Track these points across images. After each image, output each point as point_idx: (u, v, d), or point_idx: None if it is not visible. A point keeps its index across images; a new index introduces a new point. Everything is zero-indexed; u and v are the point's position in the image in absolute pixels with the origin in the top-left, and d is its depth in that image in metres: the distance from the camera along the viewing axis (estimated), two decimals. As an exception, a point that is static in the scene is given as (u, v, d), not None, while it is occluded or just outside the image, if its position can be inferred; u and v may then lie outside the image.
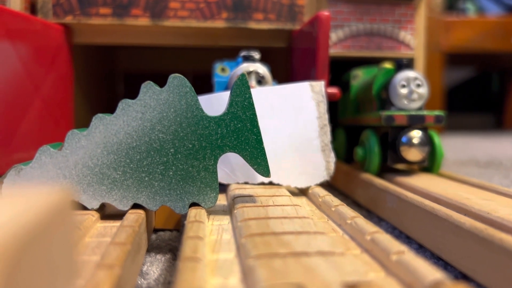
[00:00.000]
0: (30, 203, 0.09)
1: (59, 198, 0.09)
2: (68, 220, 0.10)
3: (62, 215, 0.10)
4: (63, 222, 0.10)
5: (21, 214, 0.08)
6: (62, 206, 0.10)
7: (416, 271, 0.15)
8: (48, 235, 0.09)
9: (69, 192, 0.10)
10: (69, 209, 0.10)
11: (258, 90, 0.30)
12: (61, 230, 0.09)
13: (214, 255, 0.18)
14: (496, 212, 0.23)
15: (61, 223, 0.10)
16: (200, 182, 0.23)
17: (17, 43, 0.35)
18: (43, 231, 0.08)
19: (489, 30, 1.19)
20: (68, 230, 0.10)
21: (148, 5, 0.41)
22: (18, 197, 0.09)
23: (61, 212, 0.10)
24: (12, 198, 0.09)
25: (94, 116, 0.23)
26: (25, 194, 0.10)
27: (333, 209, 0.23)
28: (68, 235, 0.10)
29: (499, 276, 0.18)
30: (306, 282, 0.13)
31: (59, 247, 0.09)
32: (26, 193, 0.10)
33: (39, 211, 0.08)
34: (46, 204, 0.09)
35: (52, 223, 0.09)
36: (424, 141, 0.33)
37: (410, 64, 0.39)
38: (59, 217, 0.09)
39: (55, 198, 0.09)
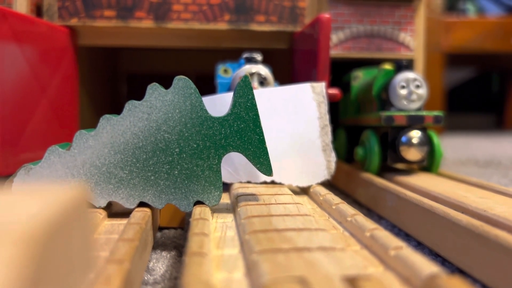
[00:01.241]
0: (50, 198, 0.09)
1: (76, 195, 0.10)
2: (84, 216, 0.11)
3: (79, 211, 0.10)
4: (80, 217, 0.10)
5: (45, 208, 0.08)
6: (79, 203, 0.10)
7: (414, 265, 0.15)
8: (67, 229, 0.09)
9: (84, 189, 0.11)
10: (85, 206, 0.11)
11: (261, 91, 0.31)
12: (78, 225, 0.10)
13: (219, 251, 0.18)
14: (492, 209, 0.23)
15: (78, 219, 0.10)
16: (205, 181, 0.24)
17: (24, 45, 0.36)
18: (64, 225, 0.09)
19: (489, 30, 1.20)
20: (84, 225, 0.11)
21: (152, 7, 0.42)
22: (37, 193, 0.10)
23: (78, 208, 0.10)
24: (32, 194, 0.10)
25: (102, 117, 0.24)
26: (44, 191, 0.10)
27: (333, 207, 0.24)
28: (84, 231, 0.11)
29: (494, 271, 0.19)
30: (307, 275, 0.14)
31: (76, 241, 0.10)
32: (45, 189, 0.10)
33: (59, 206, 0.09)
34: (65, 200, 0.09)
35: (71, 218, 0.10)
36: (423, 141, 0.34)
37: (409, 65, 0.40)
38: (76, 212, 0.10)
39: (72, 195, 0.10)
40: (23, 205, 0.09)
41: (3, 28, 0.33)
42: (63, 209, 0.09)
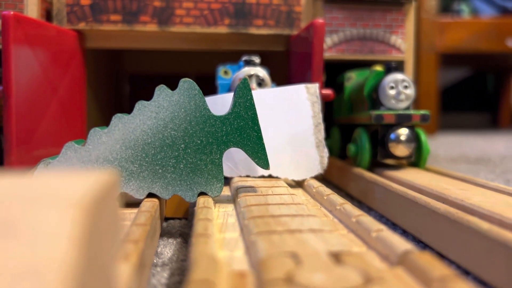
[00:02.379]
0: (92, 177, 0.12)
1: (110, 176, 0.12)
2: (115, 193, 0.13)
3: (113, 189, 0.12)
4: (113, 194, 0.12)
5: (91, 183, 0.11)
6: (112, 183, 0.12)
7: (391, 244, 0.18)
8: (105, 201, 0.12)
9: (116, 173, 0.13)
10: (117, 186, 0.13)
11: (259, 91, 0.33)
12: (112, 201, 0.12)
13: (221, 235, 0.21)
14: (469, 199, 0.26)
15: (112, 195, 0.12)
16: (208, 174, 0.26)
17: (36, 48, 0.38)
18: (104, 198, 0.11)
19: (483, 31, 1.22)
20: (115, 203, 0.13)
21: (156, 12, 0.44)
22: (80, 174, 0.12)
23: (112, 186, 0.12)
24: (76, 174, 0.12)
25: (114, 115, 0.26)
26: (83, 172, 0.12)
27: (325, 197, 0.26)
28: (115, 207, 0.13)
29: (467, 252, 0.21)
30: (298, 251, 0.16)
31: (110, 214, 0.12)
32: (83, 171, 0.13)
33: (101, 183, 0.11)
34: (103, 178, 0.12)
35: (108, 194, 0.12)
36: (411, 138, 0.36)
37: (399, 67, 0.42)
38: (111, 190, 0.12)
39: (107, 176, 0.12)
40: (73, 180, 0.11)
41: (17, 32, 0.35)
42: (103, 185, 0.11)
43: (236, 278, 0.15)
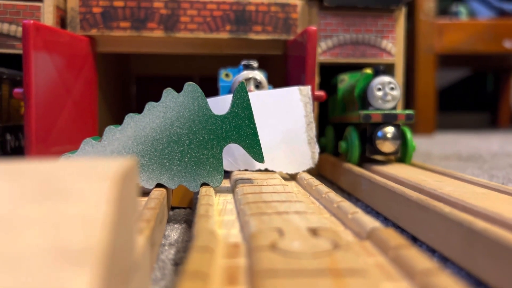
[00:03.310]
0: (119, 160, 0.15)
1: (131, 161, 0.16)
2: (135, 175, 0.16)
3: (133, 171, 0.16)
4: (133, 176, 0.16)
5: (119, 163, 0.14)
6: (132, 166, 0.16)
7: (363, 223, 0.21)
8: (129, 180, 0.15)
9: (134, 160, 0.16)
10: (136, 169, 0.16)
11: (256, 93, 0.36)
12: (132, 181, 0.16)
13: (221, 217, 0.24)
14: (441, 189, 0.29)
15: (133, 176, 0.16)
16: (209, 166, 0.29)
17: (53, 53, 0.42)
18: (128, 177, 0.15)
19: (480, 32, 1.25)
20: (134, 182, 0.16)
21: (162, 19, 0.47)
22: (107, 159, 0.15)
23: (132, 169, 0.15)
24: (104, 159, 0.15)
25: (126, 115, 0.29)
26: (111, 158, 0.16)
27: (313, 187, 0.30)
28: (135, 186, 0.16)
29: (432, 233, 0.25)
30: (283, 227, 0.20)
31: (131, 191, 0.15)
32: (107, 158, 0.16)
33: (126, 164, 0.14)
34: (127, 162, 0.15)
35: (131, 174, 0.15)
36: (396, 135, 0.40)
37: (387, 70, 0.46)
38: (131, 171, 0.15)
39: (129, 161, 0.15)
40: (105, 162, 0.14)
41: (36, 39, 0.39)
42: (127, 166, 0.14)
43: (231, 247, 0.18)
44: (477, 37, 1.26)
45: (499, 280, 0.19)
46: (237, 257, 0.17)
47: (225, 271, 0.16)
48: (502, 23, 1.26)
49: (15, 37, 0.46)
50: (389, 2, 0.50)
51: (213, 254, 0.17)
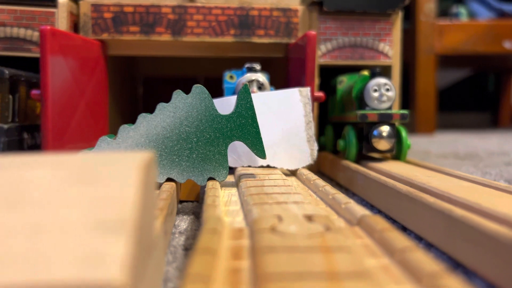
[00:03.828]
0: (140, 153, 0.17)
1: (150, 153, 0.18)
2: (153, 165, 0.18)
3: (152, 162, 0.18)
4: (152, 165, 0.18)
5: (142, 155, 0.16)
6: (152, 158, 0.18)
7: (353, 211, 0.23)
8: (149, 168, 0.17)
9: (151, 154, 0.19)
10: (154, 161, 0.19)
11: (259, 94, 0.39)
12: (152, 170, 0.18)
13: (226, 207, 0.27)
14: (430, 183, 0.31)
15: (152, 166, 0.18)
16: (215, 162, 0.32)
17: (67, 56, 0.44)
18: (148, 167, 0.17)
19: (480, 33, 1.27)
20: (153, 171, 0.18)
21: (170, 24, 0.50)
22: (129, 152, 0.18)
23: (151, 160, 0.18)
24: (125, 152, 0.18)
25: (139, 115, 0.32)
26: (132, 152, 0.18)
27: (312, 182, 0.32)
28: (153, 174, 0.19)
29: (419, 222, 0.27)
30: (281, 214, 0.22)
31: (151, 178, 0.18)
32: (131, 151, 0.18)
33: (146, 156, 0.17)
34: (147, 154, 0.17)
35: (150, 165, 0.17)
36: (391, 134, 0.42)
37: (384, 72, 0.48)
38: (151, 161, 0.18)
39: (148, 153, 0.18)
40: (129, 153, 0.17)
41: (53, 44, 0.41)
42: (147, 157, 0.17)
43: (235, 231, 0.21)
44: (477, 38, 1.28)
45: (475, 262, 0.21)
46: (241, 238, 0.20)
47: (231, 249, 0.18)
48: (502, 24, 1.28)
49: (31, 41, 0.49)
50: (386, 7, 0.52)
51: (220, 236, 0.19)
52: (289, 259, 0.16)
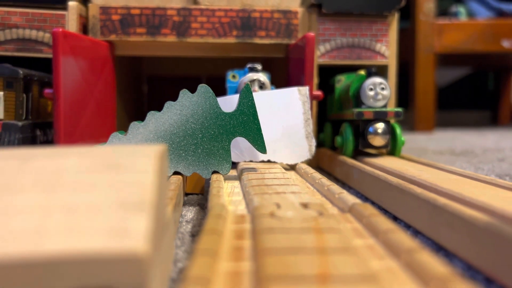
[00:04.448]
0: (154, 146, 0.19)
1: (162, 146, 0.20)
2: (166, 156, 0.21)
3: (165, 153, 0.20)
4: (165, 156, 0.20)
5: (156, 147, 0.19)
6: (164, 150, 0.20)
7: (346, 200, 0.25)
8: (163, 158, 0.19)
9: (164, 146, 0.21)
10: (166, 154, 0.21)
11: (260, 93, 0.41)
12: (164, 160, 0.20)
13: (229, 198, 0.29)
14: (420, 176, 0.33)
15: (165, 157, 0.20)
16: (219, 156, 0.34)
17: (77, 57, 0.46)
18: (162, 158, 0.19)
19: (479, 32, 1.28)
20: (166, 161, 0.21)
21: (175, 25, 0.52)
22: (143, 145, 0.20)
23: (164, 152, 0.20)
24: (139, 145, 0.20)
25: (148, 112, 0.34)
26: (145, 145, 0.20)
27: (309, 175, 0.34)
28: (166, 164, 0.21)
29: (408, 211, 0.29)
30: (280, 202, 0.24)
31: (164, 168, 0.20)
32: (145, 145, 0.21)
33: (160, 148, 0.19)
34: (160, 147, 0.19)
35: (163, 156, 0.20)
36: (386, 131, 0.44)
37: (381, 71, 0.50)
38: (164, 153, 0.20)
39: (161, 146, 0.20)
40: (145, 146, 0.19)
41: (64, 45, 0.44)
42: (161, 149, 0.19)
43: (238, 217, 0.23)
44: (476, 37, 1.30)
45: (455, 245, 0.23)
46: (243, 223, 0.22)
47: (234, 231, 0.20)
48: (501, 23, 1.29)
49: (43, 42, 0.51)
50: (383, 8, 0.54)
51: (225, 220, 0.21)
52: (285, 238, 0.18)
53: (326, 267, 0.14)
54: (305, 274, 0.14)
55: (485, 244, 0.21)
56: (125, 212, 0.14)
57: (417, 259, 0.16)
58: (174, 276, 0.21)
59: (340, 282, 0.13)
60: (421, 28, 1.29)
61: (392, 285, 0.14)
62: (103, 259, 0.13)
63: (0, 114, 0.44)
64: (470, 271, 0.22)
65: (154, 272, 0.14)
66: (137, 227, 0.14)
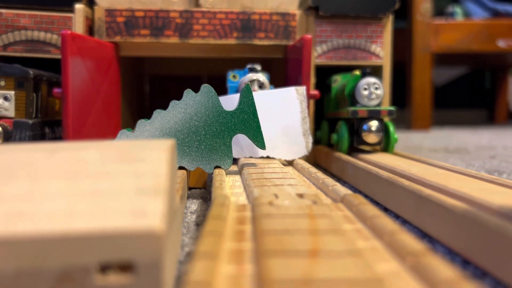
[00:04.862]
0: (164, 140, 0.22)
1: (171, 142, 0.22)
2: (175, 150, 0.23)
3: (174, 147, 0.22)
4: (174, 150, 0.22)
5: (167, 141, 0.21)
6: (173, 144, 0.22)
7: (338, 191, 0.28)
8: (173, 151, 0.22)
9: (173, 141, 0.23)
10: (175, 148, 0.23)
11: (259, 92, 0.43)
12: (174, 153, 0.22)
13: (231, 190, 0.31)
14: (409, 170, 0.35)
15: (174, 150, 0.22)
16: (221, 152, 0.36)
17: (84, 58, 0.49)
18: (172, 151, 0.21)
19: (475, 32, 1.30)
20: (175, 155, 0.23)
21: (177, 27, 0.54)
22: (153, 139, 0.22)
23: (173, 146, 0.22)
24: (150, 140, 0.22)
25: (154, 111, 0.36)
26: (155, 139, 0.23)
27: (305, 170, 0.36)
28: (175, 161, 0.23)
29: (396, 202, 0.31)
30: (278, 193, 0.26)
31: (174, 160, 0.22)
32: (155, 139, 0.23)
33: (170, 142, 0.21)
34: (169, 141, 0.22)
35: (173, 148, 0.22)
36: (380, 128, 0.46)
37: (375, 71, 0.52)
38: (173, 147, 0.22)
39: (171, 140, 0.22)
40: (157, 140, 0.21)
41: (72, 47, 0.46)
42: (171, 143, 0.21)
43: (240, 206, 0.25)
44: (472, 36, 1.32)
45: (438, 232, 0.25)
46: (244, 211, 0.24)
47: (236, 218, 0.23)
48: (496, 23, 1.31)
49: (50, 43, 0.53)
50: (378, 11, 0.56)
51: (228, 208, 0.24)
52: (282, 221, 0.20)
53: (317, 244, 0.17)
54: (298, 249, 0.16)
55: (463, 229, 0.23)
56: (143, 197, 0.17)
57: (397, 239, 0.18)
58: (181, 259, 0.23)
59: (329, 256, 0.16)
60: (418, 28, 1.31)
61: (374, 259, 0.17)
62: (126, 235, 0.15)
63: (12, 113, 0.47)
64: (451, 254, 0.24)
65: (167, 248, 0.16)
66: (153, 209, 0.16)
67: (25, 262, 0.15)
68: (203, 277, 0.13)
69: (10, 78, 0.47)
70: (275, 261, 0.15)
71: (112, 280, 0.15)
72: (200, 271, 0.14)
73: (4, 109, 0.46)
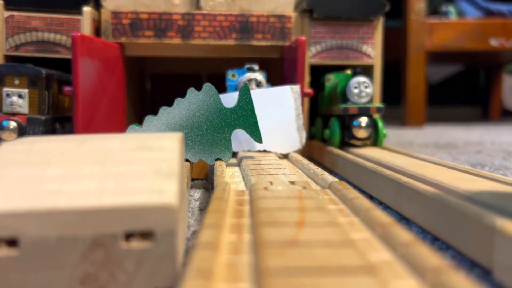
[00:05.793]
0: (174, 133, 0.25)
1: (180, 134, 0.26)
2: (183, 141, 0.26)
3: (182, 140, 0.26)
4: (182, 141, 0.26)
5: (177, 134, 0.24)
6: (182, 135, 0.26)
7: (327, 179, 0.31)
8: (181, 142, 0.25)
9: (181, 134, 0.26)
10: (183, 140, 0.26)
11: (257, 91, 0.47)
12: (182, 144, 0.26)
13: (231, 179, 0.34)
14: (394, 163, 0.39)
15: (182, 141, 0.26)
16: (222, 146, 0.40)
17: (93, 58, 0.52)
18: (181, 140, 0.25)
19: (468, 31, 1.34)
20: (183, 145, 0.26)
21: (180, 29, 0.58)
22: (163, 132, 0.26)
23: (182, 137, 0.26)
24: (160, 133, 0.26)
25: (160, 108, 0.39)
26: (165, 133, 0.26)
27: (299, 162, 0.40)
28: (183, 150, 0.26)
29: (379, 190, 0.35)
30: (273, 180, 0.30)
31: (182, 151, 0.26)
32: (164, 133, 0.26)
33: (178, 134, 0.25)
34: (178, 133, 0.25)
35: (182, 139, 0.25)
36: (369, 124, 0.50)
37: (367, 70, 0.56)
38: (182, 138, 0.26)
39: (179, 134, 0.26)
40: (168, 133, 0.25)
41: (82, 48, 0.49)
42: (180, 135, 0.25)
43: (239, 191, 0.29)
44: (466, 35, 1.35)
45: (414, 214, 0.29)
46: (243, 196, 0.27)
47: (236, 200, 0.26)
48: (489, 23, 1.35)
49: (60, 44, 0.56)
50: (369, 13, 0.60)
51: (229, 193, 0.27)
52: (275, 202, 0.23)
53: (303, 218, 0.20)
54: (287, 221, 0.19)
55: (433, 211, 0.26)
56: (160, 179, 0.20)
57: (371, 215, 0.21)
58: (188, 236, 0.26)
59: (312, 226, 0.19)
60: (412, 27, 1.35)
61: (351, 230, 0.20)
62: (147, 208, 0.18)
63: (25, 109, 0.50)
64: (423, 233, 0.28)
65: (179, 221, 0.20)
66: (169, 189, 0.19)
67: (65, 230, 0.18)
68: (211, 239, 0.17)
69: (24, 77, 0.50)
70: (268, 230, 0.18)
71: (135, 246, 0.18)
72: (208, 236, 0.17)
73: (19, 106, 0.50)
